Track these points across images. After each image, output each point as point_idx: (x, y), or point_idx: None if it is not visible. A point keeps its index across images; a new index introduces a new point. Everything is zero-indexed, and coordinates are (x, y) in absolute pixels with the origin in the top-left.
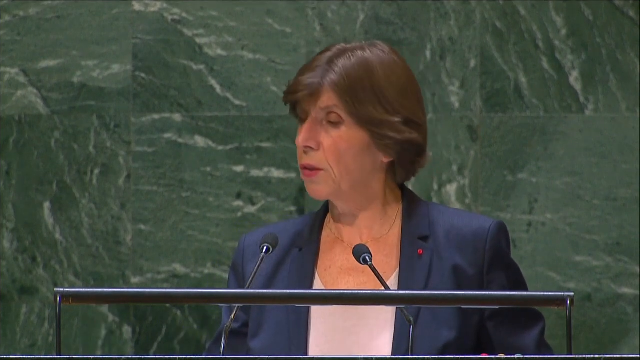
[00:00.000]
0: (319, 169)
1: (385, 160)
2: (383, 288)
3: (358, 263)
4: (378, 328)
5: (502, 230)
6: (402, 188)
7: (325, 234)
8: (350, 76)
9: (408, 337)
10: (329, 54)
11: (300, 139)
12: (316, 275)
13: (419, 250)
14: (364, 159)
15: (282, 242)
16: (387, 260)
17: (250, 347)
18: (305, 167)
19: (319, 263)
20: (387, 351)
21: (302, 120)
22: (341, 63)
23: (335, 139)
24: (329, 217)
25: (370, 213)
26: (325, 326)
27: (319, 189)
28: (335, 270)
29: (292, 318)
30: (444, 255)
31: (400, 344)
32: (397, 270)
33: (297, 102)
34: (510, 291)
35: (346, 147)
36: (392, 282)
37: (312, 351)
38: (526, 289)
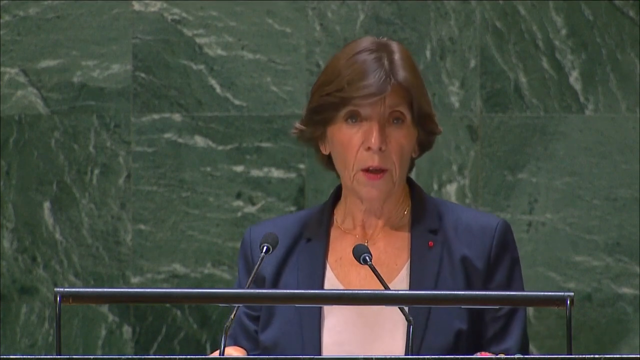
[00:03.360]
0: (385, 170)
1: (414, 156)
2: (395, 281)
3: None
4: (391, 322)
5: (509, 229)
6: (410, 182)
7: (334, 226)
8: (410, 73)
9: (421, 331)
10: (376, 54)
11: (375, 141)
12: (327, 266)
13: (429, 243)
14: (410, 156)
15: (290, 233)
16: (399, 253)
17: (261, 339)
18: (370, 170)
19: (329, 255)
20: (400, 345)
21: (352, 120)
22: (398, 59)
23: (399, 138)
24: (338, 210)
25: (390, 207)
26: (338, 319)
27: (379, 192)
28: (346, 262)
29: (304, 310)
30: (453, 247)
31: (414, 338)
32: (409, 262)
33: (352, 103)
34: (510, 291)
35: (407, 145)
36: (404, 274)
37: (326, 344)
38: (522, 287)
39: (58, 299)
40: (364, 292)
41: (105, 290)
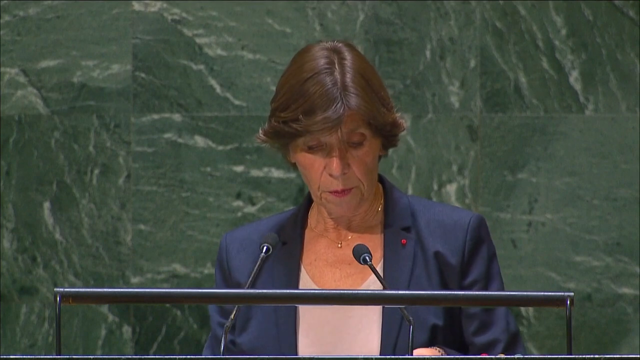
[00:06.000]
0: (351, 188)
1: (382, 154)
2: (369, 280)
3: (344, 257)
4: (366, 319)
5: (483, 223)
6: (382, 179)
7: (308, 229)
8: (363, 93)
9: (397, 328)
10: (329, 76)
11: (337, 168)
12: (302, 268)
13: (402, 241)
14: (377, 163)
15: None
16: (372, 252)
17: (238, 342)
18: (337, 191)
19: (304, 257)
20: (375, 342)
21: (312, 148)
22: (349, 81)
23: (361, 157)
24: (312, 213)
25: (362, 210)
26: (313, 319)
27: (348, 208)
28: (321, 263)
29: (280, 311)
30: (426, 244)
31: (389, 335)
32: (382, 260)
33: (310, 134)
34: (489, 287)
35: (371, 160)
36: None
37: (301, 343)
38: (501, 281)
39: (58, 299)
40: (364, 292)
41: (105, 290)
